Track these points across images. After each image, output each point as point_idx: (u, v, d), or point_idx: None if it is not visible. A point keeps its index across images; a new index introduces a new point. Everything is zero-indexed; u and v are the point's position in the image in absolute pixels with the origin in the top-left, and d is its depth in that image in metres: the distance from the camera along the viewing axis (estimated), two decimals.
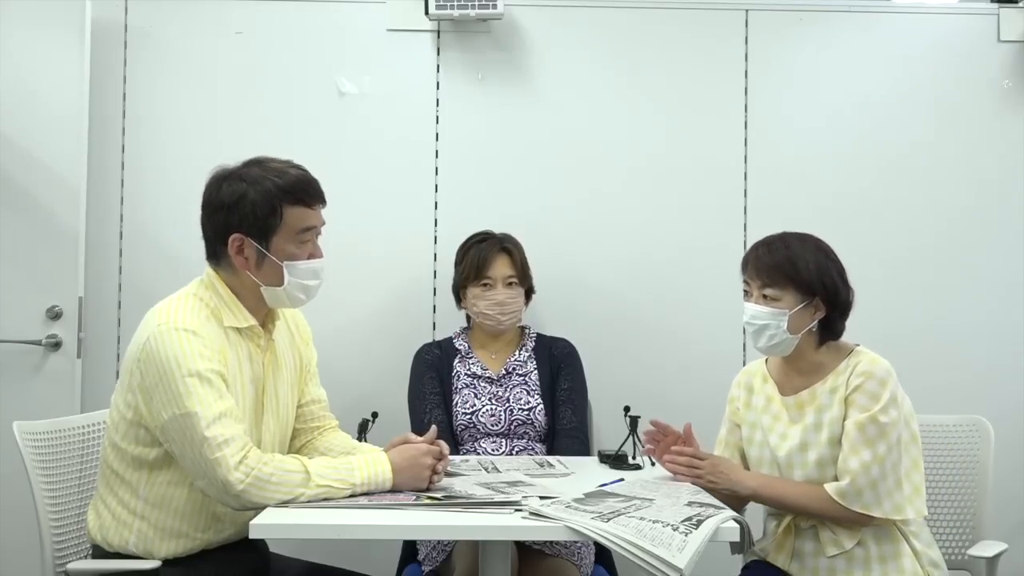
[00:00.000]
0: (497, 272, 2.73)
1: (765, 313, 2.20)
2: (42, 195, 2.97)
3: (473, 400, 2.67)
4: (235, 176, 2.06)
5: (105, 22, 3.07)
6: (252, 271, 2.06)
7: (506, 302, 2.72)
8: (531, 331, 2.83)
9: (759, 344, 2.24)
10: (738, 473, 2.21)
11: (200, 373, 1.93)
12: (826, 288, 2.20)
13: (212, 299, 2.07)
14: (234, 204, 2.03)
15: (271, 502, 1.89)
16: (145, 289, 2.95)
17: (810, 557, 2.19)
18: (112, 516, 2.04)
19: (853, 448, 2.12)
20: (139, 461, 2.02)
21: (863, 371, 2.17)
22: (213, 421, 1.90)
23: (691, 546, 1.71)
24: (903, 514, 2.12)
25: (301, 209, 2.06)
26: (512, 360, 2.74)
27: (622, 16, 3.16)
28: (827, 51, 3.20)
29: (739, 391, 2.40)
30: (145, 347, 1.96)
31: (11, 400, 2.91)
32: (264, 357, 2.13)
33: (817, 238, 2.27)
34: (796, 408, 2.24)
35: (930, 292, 3.12)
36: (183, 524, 2.03)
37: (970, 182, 3.17)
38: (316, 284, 2.12)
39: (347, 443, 2.29)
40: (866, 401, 2.13)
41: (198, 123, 3.09)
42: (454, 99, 3.15)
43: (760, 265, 2.23)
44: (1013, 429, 3.03)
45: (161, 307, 2.04)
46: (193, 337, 1.96)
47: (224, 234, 2.05)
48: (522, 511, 1.86)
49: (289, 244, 2.06)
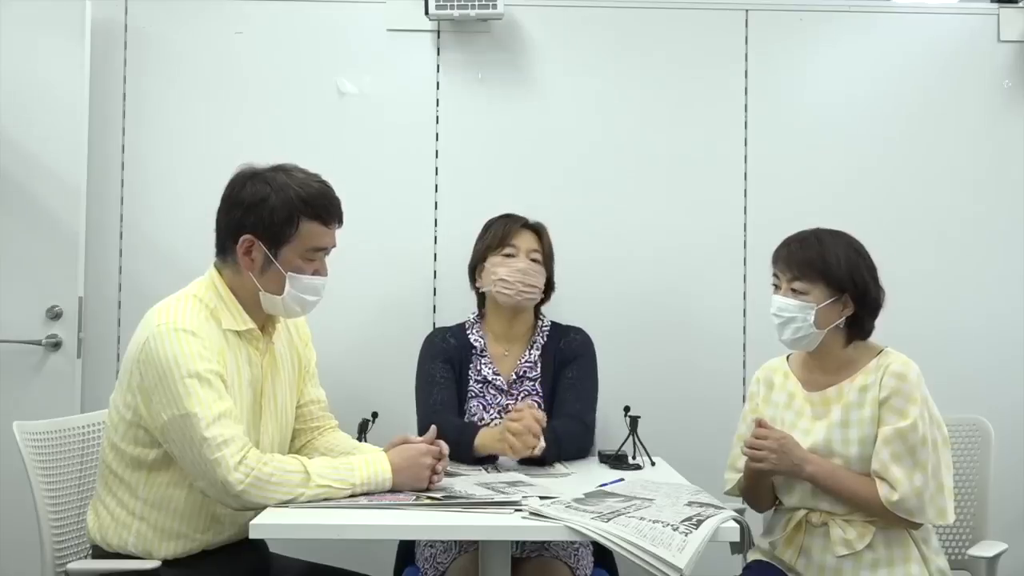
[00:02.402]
0: (522, 243, 2.66)
1: (792, 306, 2.20)
2: (42, 195, 2.96)
3: (481, 413, 2.60)
4: (261, 178, 2.07)
5: (105, 22, 3.07)
6: (255, 274, 2.07)
7: (529, 271, 2.62)
8: (545, 322, 2.74)
9: (783, 336, 2.23)
10: (800, 453, 2.16)
11: (199, 374, 1.93)
12: (856, 285, 2.20)
13: (212, 300, 2.07)
14: (253, 205, 2.04)
15: (271, 502, 1.89)
16: (145, 289, 2.95)
17: (818, 554, 2.19)
18: (111, 517, 2.04)
19: (896, 457, 2.11)
20: (138, 462, 2.02)
21: (898, 372, 2.16)
22: (213, 422, 1.90)
23: (691, 546, 1.71)
24: (946, 519, 2.13)
25: (317, 226, 2.07)
26: (523, 362, 2.66)
27: (622, 16, 3.16)
28: (827, 51, 3.20)
29: (758, 387, 2.38)
30: (144, 347, 1.96)
31: (11, 400, 2.90)
32: (263, 360, 2.13)
33: (850, 236, 2.28)
34: (821, 404, 2.23)
35: (929, 292, 3.12)
36: (182, 525, 2.02)
37: (970, 182, 3.17)
38: (314, 300, 2.13)
39: (347, 443, 2.30)
40: (904, 405, 2.13)
41: (198, 123, 3.09)
42: (454, 99, 3.15)
43: (792, 259, 2.23)
44: (1013, 429, 3.03)
45: (161, 307, 2.04)
46: (192, 338, 1.96)
47: (237, 232, 2.06)
48: (522, 511, 1.86)
49: (297, 257, 2.07)
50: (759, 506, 2.37)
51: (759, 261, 3.09)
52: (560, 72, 3.16)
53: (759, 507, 2.38)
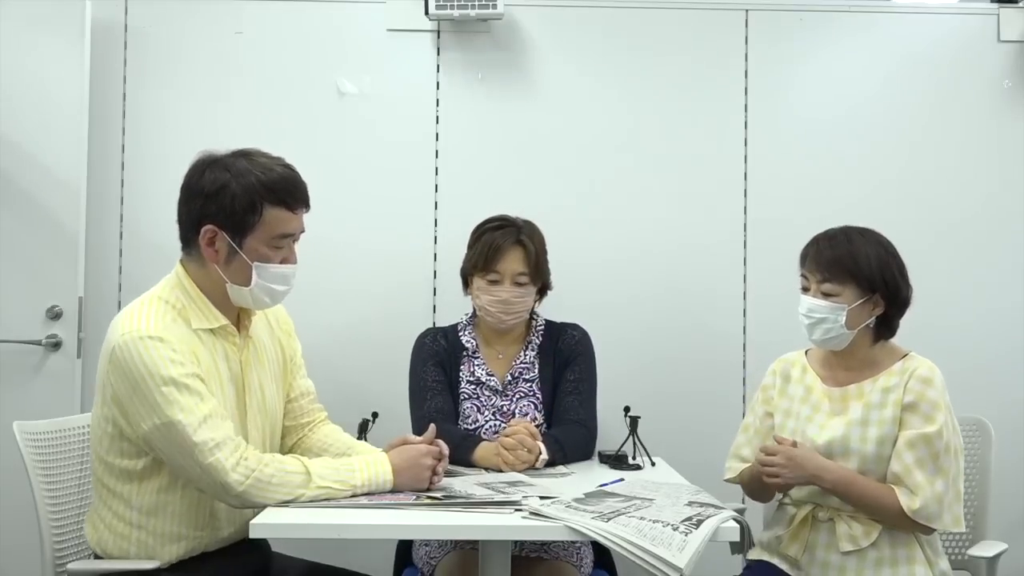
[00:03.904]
0: (507, 267, 2.54)
1: (823, 307, 2.17)
2: (42, 195, 2.96)
3: (476, 415, 2.58)
4: (220, 164, 1.98)
5: (105, 22, 3.07)
6: (220, 266, 1.99)
7: (512, 301, 2.55)
8: (539, 321, 2.70)
9: (814, 336, 2.21)
10: (815, 463, 2.12)
11: (175, 380, 1.87)
12: (887, 284, 2.18)
13: (180, 299, 2.00)
14: (213, 194, 1.95)
15: (271, 502, 1.89)
16: (145, 289, 2.92)
17: (822, 550, 2.18)
18: (108, 529, 2.01)
19: (920, 462, 2.10)
20: (128, 473, 1.97)
21: (925, 377, 2.15)
22: (199, 426, 1.86)
23: (691, 546, 1.71)
24: (960, 526, 2.11)
25: (282, 212, 1.98)
26: (518, 363, 2.63)
27: (622, 16, 3.16)
28: (827, 51, 3.20)
29: (774, 379, 2.36)
30: (112, 358, 1.91)
31: (11, 400, 2.91)
32: (241, 355, 2.07)
33: (879, 233, 2.25)
34: (840, 401, 2.22)
35: (930, 292, 3.08)
36: (181, 527, 2.00)
37: (970, 182, 3.17)
38: (284, 290, 2.04)
39: (341, 438, 2.26)
40: (930, 410, 2.12)
41: (198, 123, 3.09)
42: (454, 99, 3.15)
43: (820, 259, 2.20)
44: (1013, 429, 3.03)
45: (125, 314, 1.96)
46: (160, 344, 1.88)
47: (198, 223, 1.97)
48: (522, 511, 1.86)
49: (263, 246, 1.98)
50: (762, 499, 2.37)
51: (759, 261, 3.12)
52: (560, 72, 3.16)
53: (762, 499, 2.38)
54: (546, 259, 2.65)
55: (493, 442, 2.40)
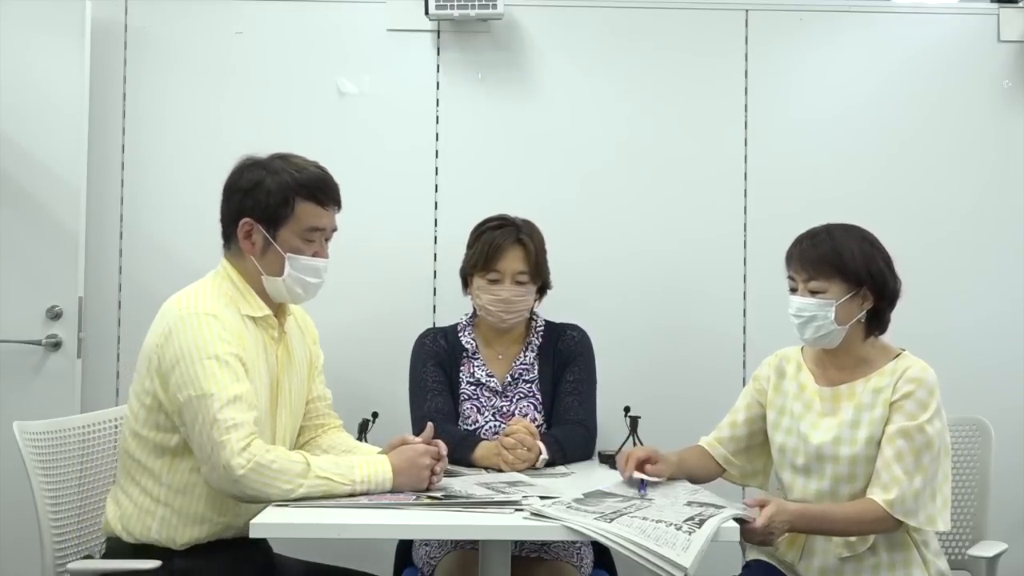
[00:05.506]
0: (507, 266, 2.54)
1: (812, 304, 2.17)
2: (42, 195, 2.96)
3: (476, 416, 2.57)
4: (258, 165, 2.12)
5: (105, 22, 3.06)
6: (257, 257, 2.11)
7: (512, 300, 2.55)
8: (539, 322, 2.69)
9: (806, 335, 2.20)
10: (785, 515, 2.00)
11: (219, 356, 1.97)
12: (873, 277, 2.17)
13: (229, 288, 2.12)
14: (250, 189, 2.09)
15: (270, 490, 1.90)
16: (145, 289, 2.96)
17: (820, 555, 2.18)
18: (134, 505, 2.06)
19: (899, 455, 2.08)
20: (161, 448, 2.04)
21: (915, 377, 2.14)
22: (227, 403, 1.93)
23: (695, 545, 1.71)
24: (935, 525, 2.10)
25: (312, 207, 2.11)
26: (518, 364, 2.63)
27: (622, 16, 3.16)
28: (827, 51, 3.20)
29: (769, 371, 2.36)
30: (166, 334, 2.00)
31: (11, 400, 2.91)
32: (277, 350, 2.17)
33: (862, 228, 2.25)
34: (832, 401, 2.22)
35: (930, 292, 3.12)
36: (206, 509, 2.05)
37: (970, 182, 3.17)
38: (316, 282, 2.16)
39: (349, 443, 2.32)
40: (915, 409, 2.11)
41: (198, 123, 3.09)
42: (454, 99, 3.15)
43: (805, 259, 2.20)
44: (1013, 429, 3.03)
45: (180, 295, 2.08)
46: (214, 320, 2.01)
47: (237, 217, 2.10)
48: (523, 511, 1.86)
49: (295, 238, 2.11)
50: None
51: (759, 261, 3.12)
52: (560, 72, 3.16)
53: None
54: (546, 258, 2.65)
55: (493, 442, 2.40)
